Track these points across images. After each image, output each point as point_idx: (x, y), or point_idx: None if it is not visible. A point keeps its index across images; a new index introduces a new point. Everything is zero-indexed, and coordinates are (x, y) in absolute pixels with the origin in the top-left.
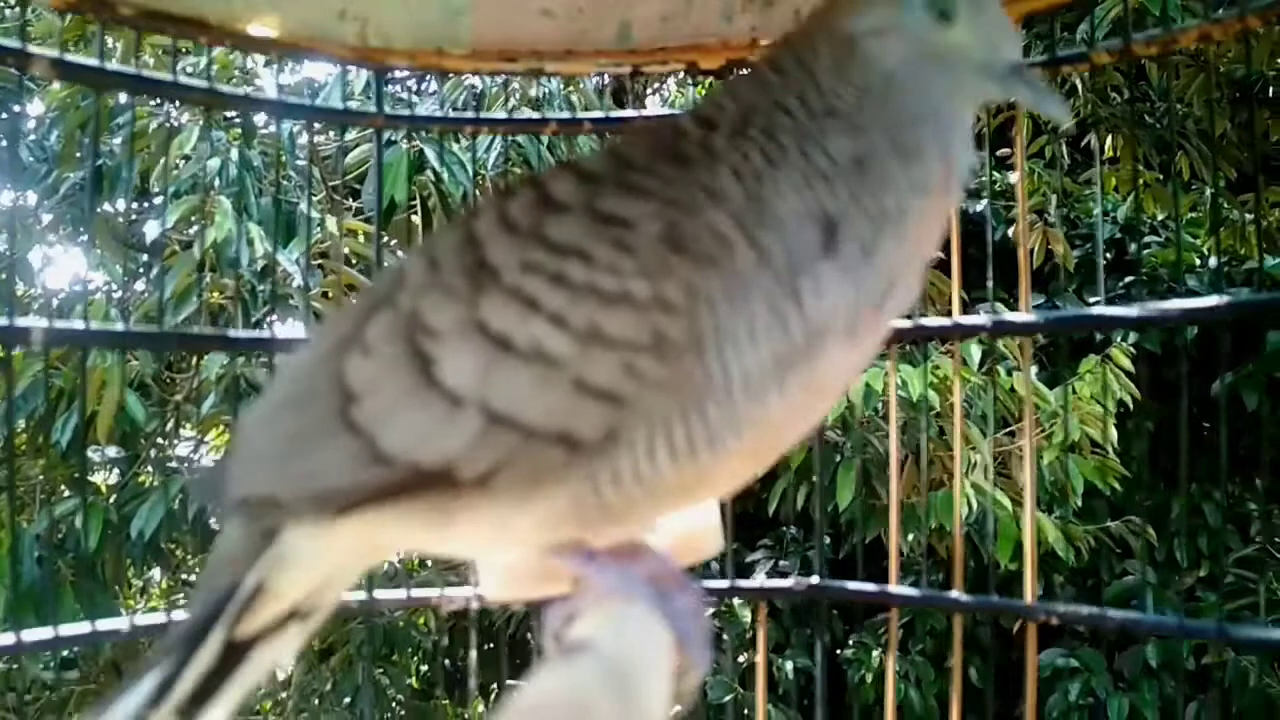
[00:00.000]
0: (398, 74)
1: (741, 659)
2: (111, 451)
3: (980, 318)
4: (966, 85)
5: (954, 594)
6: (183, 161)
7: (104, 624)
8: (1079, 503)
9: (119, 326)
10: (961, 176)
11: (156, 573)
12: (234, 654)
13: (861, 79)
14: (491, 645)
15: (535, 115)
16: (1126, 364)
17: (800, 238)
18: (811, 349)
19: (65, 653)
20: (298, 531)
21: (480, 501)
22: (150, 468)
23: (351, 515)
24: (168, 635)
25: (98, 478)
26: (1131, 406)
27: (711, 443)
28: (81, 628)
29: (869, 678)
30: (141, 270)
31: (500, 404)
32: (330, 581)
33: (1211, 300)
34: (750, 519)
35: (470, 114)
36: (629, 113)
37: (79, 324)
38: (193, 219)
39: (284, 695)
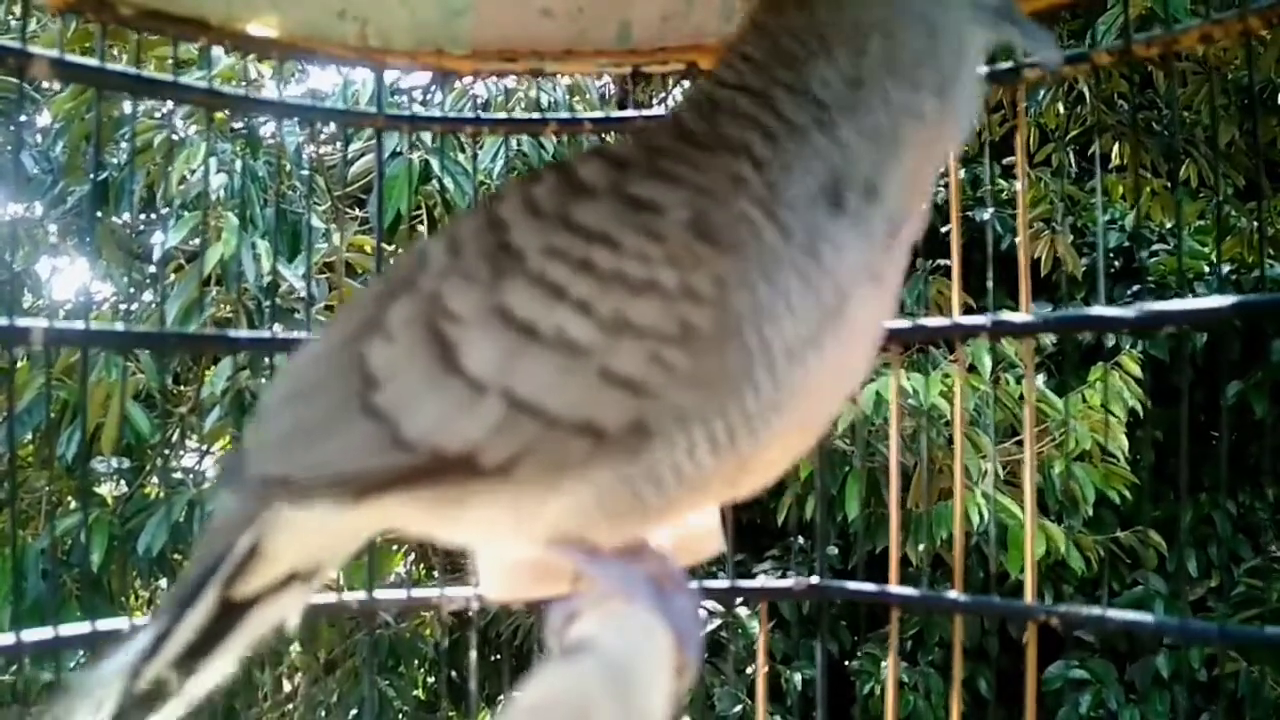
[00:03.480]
0: (404, 84)
1: (749, 670)
2: (117, 463)
3: (980, 318)
4: (957, 21)
5: (953, 594)
6: (189, 174)
7: (104, 624)
8: (1089, 512)
9: (119, 327)
10: (964, 115)
11: (164, 583)
12: (233, 613)
13: (857, 11)
14: (498, 655)
15: (535, 116)
16: (1135, 371)
17: (812, 204)
18: (842, 304)
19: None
20: (308, 508)
21: (501, 490)
22: (156, 479)
23: (369, 499)
24: (165, 595)
25: (104, 489)
26: (1141, 414)
27: (751, 430)
28: (81, 628)
29: (877, 689)
30: (148, 281)
31: (523, 391)
32: (329, 546)
33: (1213, 301)
34: (758, 529)
35: (470, 114)
36: (629, 113)
37: (79, 324)
38: (198, 233)
39: (290, 706)
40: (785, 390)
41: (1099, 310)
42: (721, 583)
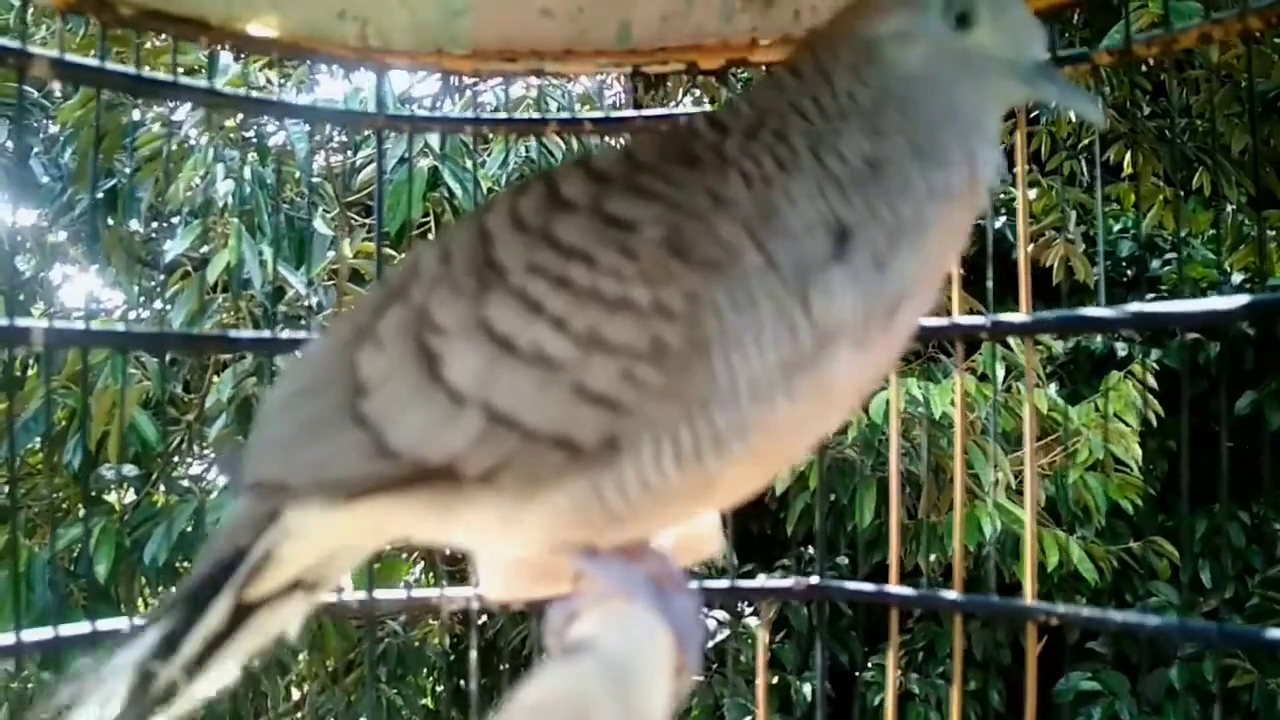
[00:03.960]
0: (412, 94)
1: (758, 681)
2: (125, 470)
3: (979, 318)
4: (992, 87)
5: (951, 594)
6: (199, 180)
7: (104, 624)
8: (1102, 522)
9: (120, 327)
10: (987, 181)
11: (170, 588)
12: (237, 616)
13: (880, 82)
14: (506, 665)
15: (535, 116)
16: (1149, 380)
17: (810, 244)
18: (820, 356)
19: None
20: (306, 510)
21: (484, 499)
22: (163, 486)
23: (359, 503)
24: (170, 595)
25: (111, 497)
26: (1155, 424)
27: (718, 449)
28: (82, 628)
29: (888, 701)
30: (157, 289)
31: (501, 404)
32: (336, 556)
33: (1221, 303)
34: (768, 540)
35: (470, 114)
36: (629, 113)
37: (79, 325)
38: (205, 240)
39: (299, 715)
40: (750, 421)
41: (1098, 311)
42: (721, 582)
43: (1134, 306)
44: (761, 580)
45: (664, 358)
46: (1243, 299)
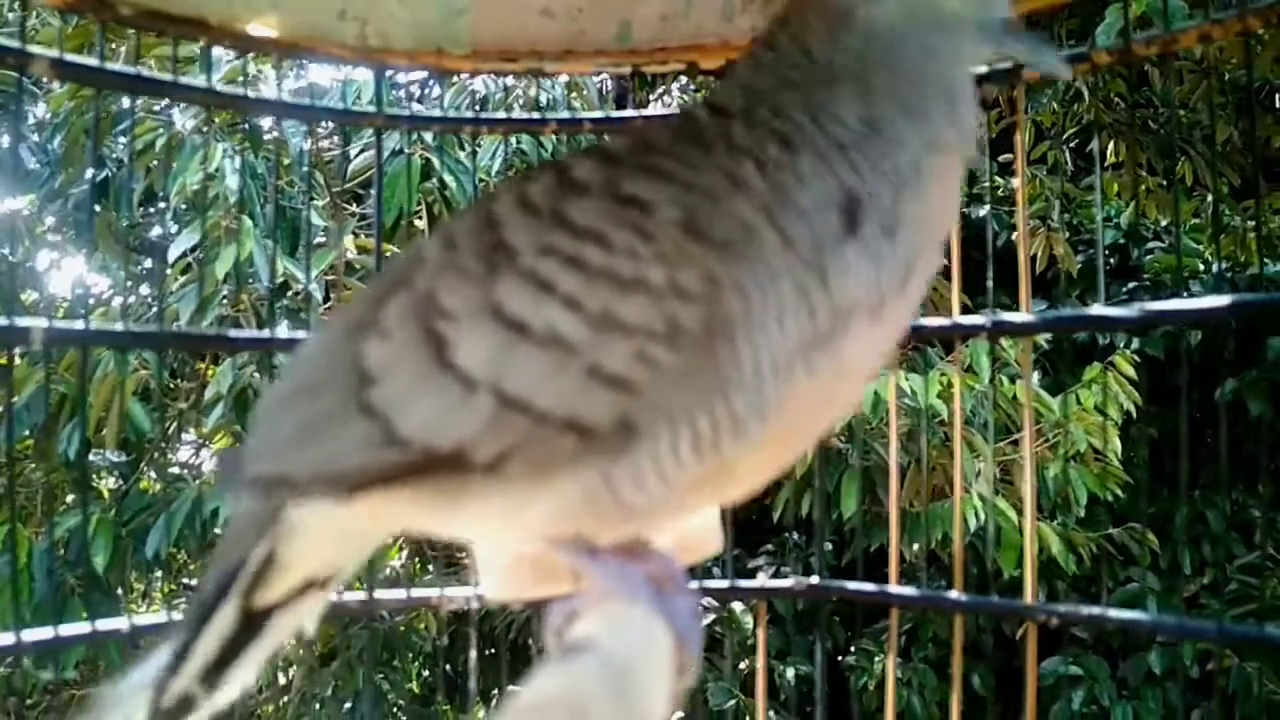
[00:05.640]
0: (401, 79)
1: (743, 665)
2: (114, 456)
3: (979, 318)
4: (962, 45)
5: (954, 595)
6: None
7: (104, 624)
8: (1082, 512)
9: (118, 326)
10: (970, 136)
11: (158, 575)
12: (253, 622)
13: (859, 45)
14: (493, 650)
15: (535, 115)
16: (1129, 370)
17: (823, 221)
18: (837, 330)
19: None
20: (307, 506)
21: (492, 487)
22: (153, 473)
23: (365, 495)
24: (187, 609)
25: (100, 484)
26: (1135, 414)
27: (736, 433)
28: (81, 628)
29: (871, 684)
30: (143, 273)
31: (512, 387)
32: (341, 551)
33: (1213, 300)
34: (753, 525)
35: (470, 114)
36: (629, 113)
37: (79, 324)
38: (205, 234)
39: (285, 700)
40: (770, 402)
41: (1099, 310)
42: (721, 582)
43: (1134, 306)
44: (761, 580)
45: (679, 339)
46: (1239, 296)
